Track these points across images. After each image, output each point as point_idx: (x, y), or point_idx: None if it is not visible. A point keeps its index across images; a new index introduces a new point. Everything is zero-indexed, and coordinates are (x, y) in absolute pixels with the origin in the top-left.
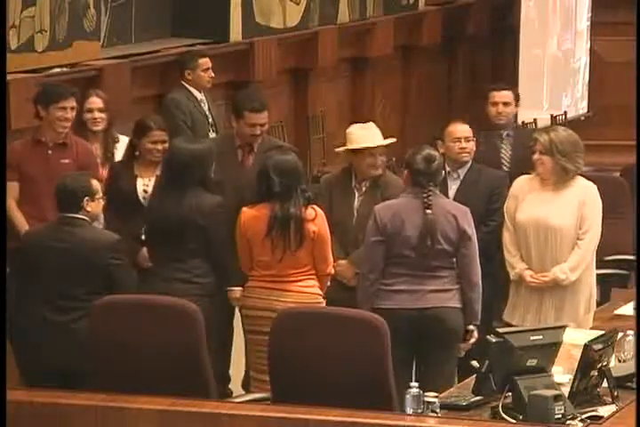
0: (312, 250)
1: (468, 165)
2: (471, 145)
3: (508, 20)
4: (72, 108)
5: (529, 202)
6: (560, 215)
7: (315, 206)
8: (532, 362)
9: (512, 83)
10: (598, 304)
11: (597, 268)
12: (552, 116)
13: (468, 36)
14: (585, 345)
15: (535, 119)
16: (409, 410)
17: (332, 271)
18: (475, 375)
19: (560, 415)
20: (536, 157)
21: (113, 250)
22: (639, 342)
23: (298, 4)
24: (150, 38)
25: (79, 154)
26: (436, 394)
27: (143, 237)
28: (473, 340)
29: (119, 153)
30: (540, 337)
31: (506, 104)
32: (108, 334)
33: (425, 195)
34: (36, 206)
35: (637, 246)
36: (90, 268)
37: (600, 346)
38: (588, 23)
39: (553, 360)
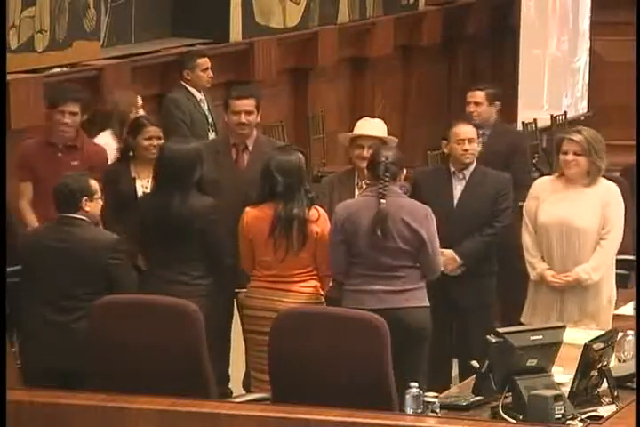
0: (314, 251)
1: (474, 165)
2: (474, 146)
3: (507, 21)
4: (71, 113)
5: (551, 203)
6: (583, 216)
7: (318, 207)
8: (532, 362)
9: (512, 83)
10: None
11: None
12: (552, 116)
13: (467, 36)
14: (585, 345)
15: (535, 119)
16: (409, 410)
17: None
18: (475, 375)
19: (560, 415)
20: (569, 158)
21: (112, 250)
22: (639, 342)
23: (298, 4)
24: (150, 38)
25: (89, 155)
26: (435, 394)
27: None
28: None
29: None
30: (540, 337)
31: (477, 104)
32: (108, 334)
33: (381, 185)
34: (46, 207)
35: (637, 246)
36: (89, 268)
37: (600, 346)
38: (589, 23)
39: (553, 360)
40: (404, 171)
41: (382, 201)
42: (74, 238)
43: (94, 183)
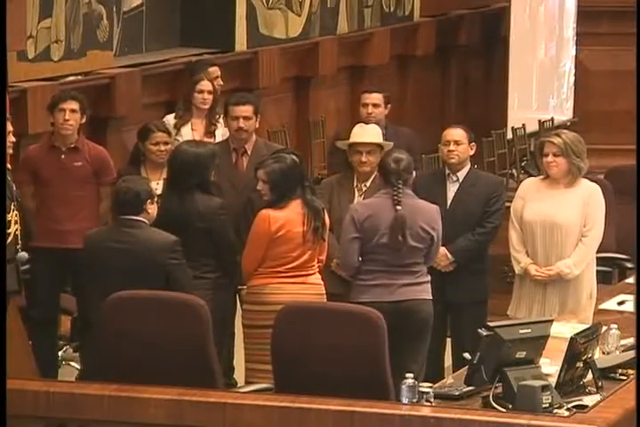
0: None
1: (467, 168)
2: (461, 149)
3: (498, 30)
4: (72, 111)
5: (536, 202)
6: (566, 213)
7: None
8: (520, 354)
9: (502, 89)
10: None
11: None
12: (540, 121)
13: (460, 45)
14: (571, 338)
15: (524, 124)
16: (405, 400)
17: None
18: (467, 367)
19: (547, 404)
20: (549, 159)
21: (171, 250)
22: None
23: (300, 15)
24: (160, 48)
25: (91, 157)
26: (430, 384)
27: None
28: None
29: (220, 129)
30: (529, 331)
31: (375, 105)
32: (120, 328)
33: (395, 192)
34: (50, 209)
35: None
36: (151, 268)
37: (585, 339)
38: (574, 32)
39: (540, 352)
40: (414, 173)
41: (398, 207)
42: (136, 240)
43: (152, 186)
